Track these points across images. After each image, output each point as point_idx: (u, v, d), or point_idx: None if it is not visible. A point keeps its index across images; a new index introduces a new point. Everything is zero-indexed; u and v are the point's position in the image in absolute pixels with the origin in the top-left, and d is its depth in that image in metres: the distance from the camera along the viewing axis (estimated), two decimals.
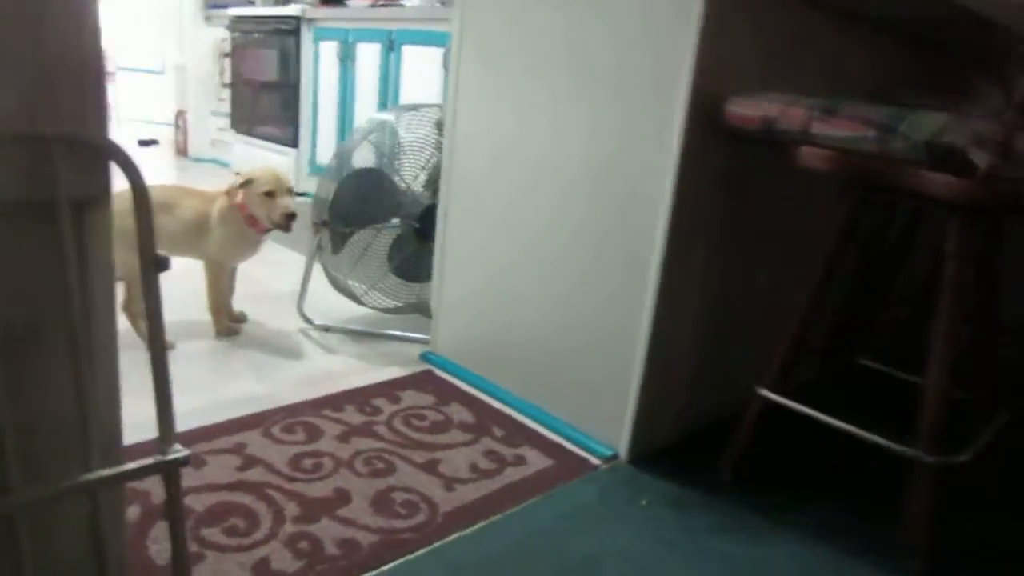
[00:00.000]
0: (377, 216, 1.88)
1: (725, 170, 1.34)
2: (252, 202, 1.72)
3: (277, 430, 1.36)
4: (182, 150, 4.51)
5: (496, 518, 1.18)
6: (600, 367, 1.41)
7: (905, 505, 1.15)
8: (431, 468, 1.29)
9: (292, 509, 1.13)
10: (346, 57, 3.26)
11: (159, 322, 0.66)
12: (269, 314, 1.97)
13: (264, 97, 3.84)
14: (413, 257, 1.92)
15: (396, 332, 1.93)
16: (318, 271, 1.92)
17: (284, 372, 1.64)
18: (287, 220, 1.71)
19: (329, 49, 3.36)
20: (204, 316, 1.81)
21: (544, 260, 1.49)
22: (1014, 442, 1.45)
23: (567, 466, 1.35)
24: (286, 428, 1.37)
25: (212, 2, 4.27)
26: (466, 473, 1.29)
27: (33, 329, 0.61)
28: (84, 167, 0.62)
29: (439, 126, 1.89)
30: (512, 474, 1.30)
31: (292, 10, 3.53)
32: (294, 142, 3.64)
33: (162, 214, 1.68)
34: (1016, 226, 1.36)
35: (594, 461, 1.38)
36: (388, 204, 1.88)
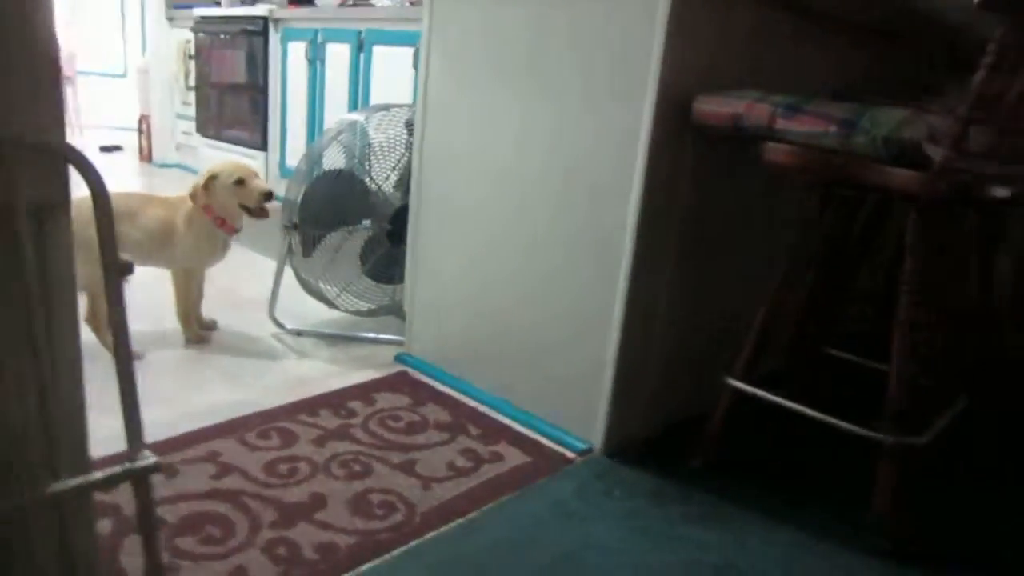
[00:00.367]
0: (348, 218, 1.87)
1: (694, 166, 1.36)
2: (221, 197, 1.70)
3: (252, 436, 1.35)
4: (146, 156, 4.43)
5: (473, 516, 1.18)
6: (573, 362, 1.42)
7: (873, 486, 1.18)
8: (408, 468, 1.29)
9: (269, 515, 1.13)
10: (315, 58, 3.24)
11: (124, 327, 0.66)
12: (240, 320, 1.95)
13: (231, 100, 3.79)
14: (385, 259, 1.91)
15: (370, 334, 1.92)
16: (289, 275, 1.90)
17: (257, 378, 1.62)
18: (264, 199, 1.70)
19: (298, 50, 3.33)
20: (173, 325, 1.79)
21: (515, 257, 1.50)
22: (978, 426, 1.49)
23: (544, 461, 1.36)
24: (261, 434, 1.36)
25: (176, 2, 4.20)
26: (443, 472, 1.29)
27: None
28: (42, 172, 0.61)
29: (410, 126, 1.89)
30: (489, 471, 1.31)
31: (259, 10, 3.49)
32: (263, 145, 3.60)
33: (125, 223, 1.65)
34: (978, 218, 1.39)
35: (570, 455, 1.39)
36: (359, 206, 1.87)
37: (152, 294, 1.87)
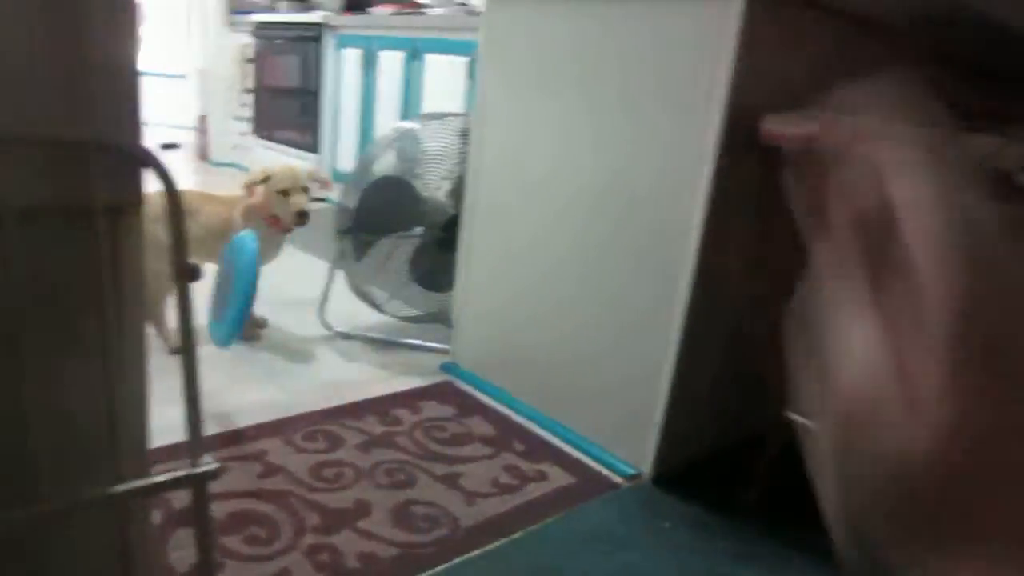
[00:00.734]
0: (400, 224, 1.88)
1: (758, 191, 1.32)
2: (269, 199, 1.72)
3: (298, 438, 1.35)
4: (203, 155, 4.54)
5: (517, 536, 1.16)
6: (625, 384, 1.39)
7: None
8: (452, 481, 1.28)
9: (313, 519, 1.12)
10: (368, 65, 3.28)
11: (190, 333, 0.66)
12: (291, 320, 1.97)
13: (286, 103, 3.86)
14: (435, 267, 1.91)
15: (416, 341, 1.92)
16: (340, 278, 1.91)
17: (305, 379, 1.63)
18: (297, 219, 1.72)
19: (352, 56, 3.37)
20: None
21: (570, 277, 1.48)
22: None
23: (589, 484, 1.33)
24: (307, 436, 1.36)
25: (236, 8, 4.30)
26: (487, 488, 1.27)
27: (66, 336, 0.61)
28: (119, 174, 0.61)
29: (464, 136, 1.89)
30: (533, 490, 1.29)
31: (315, 17, 3.56)
32: (315, 148, 3.66)
33: (187, 220, 1.68)
34: None
35: (616, 480, 1.36)
36: (411, 213, 1.88)
37: (204, 290, 1.90)
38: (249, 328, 1.83)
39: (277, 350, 1.78)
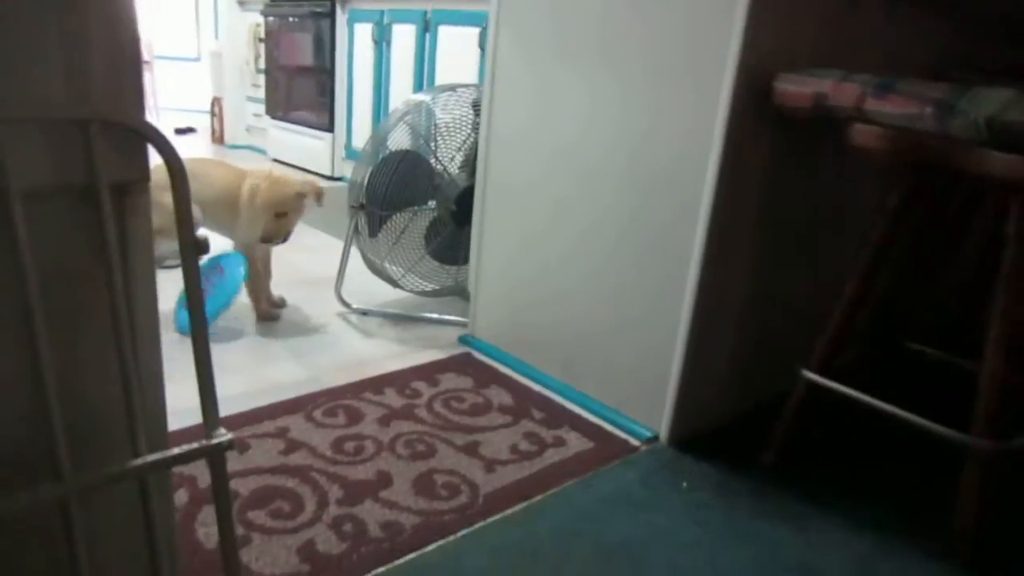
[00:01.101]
0: (414, 199, 1.88)
1: (771, 151, 1.29)
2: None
3: (319, 414, 1.37)
4: (219, 137, 4.56)
5: (536, 500, 1.17)
6: (641, 348, 1.39)
7: (955, 491, 1.11)
8: (471, 450, 1.29)
9: (336, 492, 1.14)
10: (381, 39, 3.25)
11: (200, 305, 0.66)
12: (308, 298, 1.99)
13: (299, 82, 3.85)
14: (450, 240, 1.91)
15: (433, 315, 1.93)
16: (355, 255, 1.92)
17: (324, 356, 1.65)
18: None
19: (364, 31, 3.35)
20: (243, 300, 1.84)
21: (583, 242, 1.47)
22: None
23: (608, 448, 1.34)
24: (328, 412, 1.38)
25: None
26: (506, 455, 1.29)
27: (78, 314, 0.62)
28: (122, 150, 0.62)
29: (476, 107, 1.87)
30: (552, 456, 1.29)
31: None
32: (330, 127, 3.66)
33: (195, 182, 1.68)
34: None
35: (634, 443, 1.36)
36: (425, 187, 1.87)
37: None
38: (267, 308, 1.85)
39: (296, 329, 1.80)
